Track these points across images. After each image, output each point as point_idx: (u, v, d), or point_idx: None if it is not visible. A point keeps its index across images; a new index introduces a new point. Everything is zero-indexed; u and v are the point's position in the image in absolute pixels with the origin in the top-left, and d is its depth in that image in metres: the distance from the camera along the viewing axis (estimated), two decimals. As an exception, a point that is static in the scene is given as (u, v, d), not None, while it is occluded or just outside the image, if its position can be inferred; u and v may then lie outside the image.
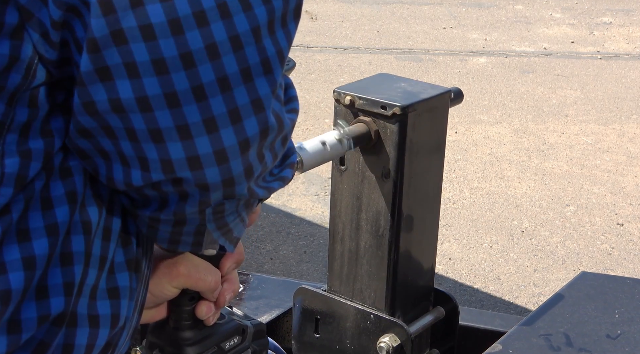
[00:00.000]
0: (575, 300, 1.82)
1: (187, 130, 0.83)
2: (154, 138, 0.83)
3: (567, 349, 1.68)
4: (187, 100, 0.82)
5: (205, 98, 0.82)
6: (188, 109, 0.82)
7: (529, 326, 1.74)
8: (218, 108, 0.83)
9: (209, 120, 0.83)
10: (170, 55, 0.80)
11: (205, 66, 0.81)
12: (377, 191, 1.73)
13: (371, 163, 1.73)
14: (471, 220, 4.70)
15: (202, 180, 0.87)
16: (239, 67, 0.83)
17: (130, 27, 0.79)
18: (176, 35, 0.80)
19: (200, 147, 0.84)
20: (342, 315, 1.84)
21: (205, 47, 0.81)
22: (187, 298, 1.23)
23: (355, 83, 1.76)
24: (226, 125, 0.84)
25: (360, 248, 1.80)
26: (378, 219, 1.76)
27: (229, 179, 0.88)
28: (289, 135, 0.96)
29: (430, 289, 1.89)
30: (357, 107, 1.70)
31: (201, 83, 0.82)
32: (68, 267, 0.88)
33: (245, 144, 0.86)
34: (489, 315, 2.12)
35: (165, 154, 0.84)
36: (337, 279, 1.85)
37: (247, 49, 0.83)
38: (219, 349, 1.30)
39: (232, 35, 0.82)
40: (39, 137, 0.86)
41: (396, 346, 1.75)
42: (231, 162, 0.86)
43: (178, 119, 0.82)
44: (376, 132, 1.69)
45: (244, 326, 1.34)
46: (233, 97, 0.84)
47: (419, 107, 1.68)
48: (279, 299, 1.99)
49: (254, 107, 0.85)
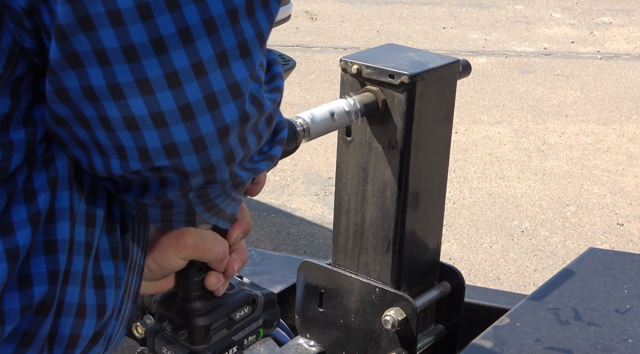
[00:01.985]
0: (584, 275, 1.80)
1: (162, 118, 0.81)
2: (129, 127, 0.81)
3: (575, 323, 1.66)
4: (160, 87, 0.80)
5: (179, 85, 0.80)
6: (162, 96, 0.80)
7: (537, 301, 1.72)
8: (194, 95, 0.81)
9: (185, 107, 0.81)
10: (140, 41, 0.78)
11: (178, 51, 0.79)
12: (383, 162, 1.71)
13: (378, 133, 1.71)
14: (471, 220, 4.69)
15: (181, 168, 0.85)
16: (214, 51, 0.81)
17: (98, 13, 0.76)
18: (146, 20, 0.77)
19: (177, 135, 0.82)
20: (346, 289, 1.81)
21: (178, 32, 0.79)
22: (195, 269, 1.21)
23: (362, 52, 1.74)
24: (203, 112, 0.82)
25: (365, 221, 1.78)
26: (384, 191, 1.73)
27: (209, 166, 0.86)
28: (274, 115, 0.93)
29: (436, 263, 1.86)
30: (365, 76, 1.68)
31: (174, 69, 0.79)
32: (52, 255, 0.87)
33: (224, 131, 0.84)
34: (494, 293, 2.10)
35: (142, 142, 0.82)
36: (342, 252, 1.83)
37: (223, 32, 0.81)
38: (230, 319, 1.28)
39: (205, 18, 0.80)
40: (20, 127, 0.84)
41: (401, 320, 1.72)
42: (210, 150, 0.84)
43: (152, 107, 0.80)
44: (383, 101, 1.67)
45: (254, 296, 1.33)
46: (209, 83, 0.81)
47: (428, 76, 1.66)
48: (282, 275, 1.97)
49: (232, 92, 0.83)
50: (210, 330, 1.24)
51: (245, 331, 1.31)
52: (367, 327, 1.80)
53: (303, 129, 1.54)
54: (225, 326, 1.27)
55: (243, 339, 1.31)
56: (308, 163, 5.29)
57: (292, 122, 1.52)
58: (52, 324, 0.88)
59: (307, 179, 5.08)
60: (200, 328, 1.24)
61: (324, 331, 1.89)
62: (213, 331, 1.25)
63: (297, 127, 1.52)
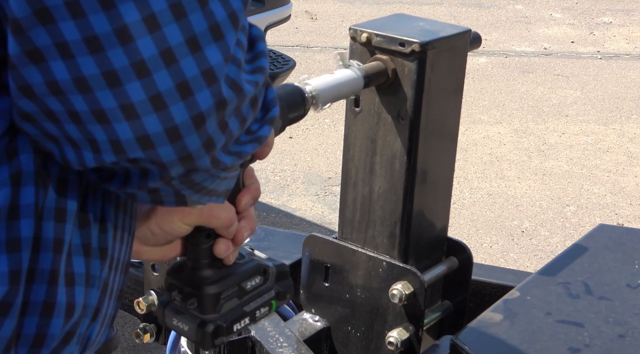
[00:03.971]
0: (594, 251, 1.78)
1: (133, 109, 0.78)
2: (99, 119, 0.79)
3: (586, 297, 1.63)
4: (128, 78, 0.76)
5: (148, 74, 0.77)
6: (130, 87, 0.77)
7: (547, 275, 1.70)
8: (164, 84, 0.78)
9: (156, 97, 0.78)
10: (103, 31, 0.75)
11: (144, 39, 0.76)
12: (392, 133, 1.69)
13: (387, 103, 1.68)
14: (471, 220, 4.68)
15: (157, 159, 0.82)
16: (183, 36, 0.78)
17: (56, 4, 0.73)
18: (107, 9, 0.74)
19: (149, 125, 0.79)
20: (353, 263, 1.79)
21: (143, 19, 0.75)
22: (204, 235, 1.19)
23: (371, 21, 1.72)
24: (175, 101, 0.79)
25: (373, 193, 1.75)
26: (393, 163, 1.71)
27: (186, 155, 0.83)
28: (259, 96, 0.90)
29: (444, 238, 1.84)
30: (374, 44, 1.65)
31: (142, 58, 0.76)
32: (15, 253, 0.83)
33: (200, 118, 0.81)
34: (502, 271, 2.08)
35: (114, 135, 0.79)
36: (349, 226, 1.80)
37: (192, 15, 0.78)
38: (240, 289, 1.26)
39: (172, 3, 0.77)
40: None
41: (409, 294, 1.70)
42: (186, 139, 0.81)
43: (121, 98, 0.77)
44: (393, 70, 1.64)
45: (264, 266, 1.30)
46: (180, 69, 0.78)
47: (438, 45, 1.64)
48: (286, 251, 1.94)
49: (206, 78, 0.80)
50: (220, 299, 1.22)
51: (257, 301, 1.29)
52: (373, 302, 1.78)
53: (312, 95, 1.51)
54: (235, 295, 1.25)
55: (255, 310, 1.28)
56: (308, 163, 5.27)
57: (300, 88, 1.50)
58: (16, 324, 0.84)
59: (307, 179, 5.07)
60: (210, 296, 1.21)
61: (329, 307, 1.87)
62: (223, 299, 1.22)
63: (305, 93, 1.50)
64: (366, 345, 1.83)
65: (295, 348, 1.67)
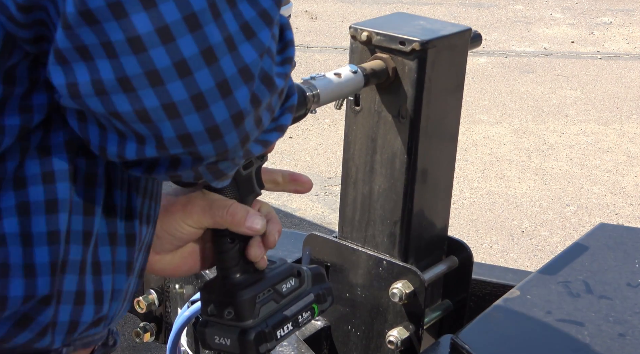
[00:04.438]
0: (594, 250, 1.78)
1: (175, 108, 0.79)
2: (142, 119, 0.80)
3: (586, 296, 1.63)
4: (169, 77, 0.78)
5: (189, 73, 0.78)
6: (172, 86, 0.78)
7: (548, 274, 1.70)
8: (205, 83, 0.79)
9: (197, 96, 0.79)
10: (145, 31, 0.76)
11: (185, 38, 0.77)
12: (393, 132, 1.69)
13: (388, 102, 1.68)
14: (471, 220, 4.68)
15: (196, 154, 0.84)
16: (222, 36, 0.79)
17: (98, 6, 0.74)
18: (149, 9, 0.75)
19: (191, 124, 0.80)
20: (353, 262, 1.79)
21: (184, 18, 0.77)
22: (227, 240, 1.19)
23: (372, 20, 1.72)
24: (216, 100, 0.80)
25: (374, 192, 1.75)
26: (393, 161, 1.71)
27: (224, 152, 0.85)
28: (285, 88, 0.91)
29: (444, 237, 1.84)
30: (375, 43, 1.65)
31: (183, 57, 0.77)
32: (54, 245, 0.86)
33: (239, 117, 0.82)
34: (502, 270, 2.08)
35: (157, 132, 0.81)
36: (349, 225, 1.80)
37: (225, 15, 0.79)
38: (276, 292, 1.25)
39: (210, 3, 0.78)
40: (16, 113, 0.83)
41: (409, 293, 1.70)
42: (225, 137, 0.83)
43: (163, 98, 0.78)
44: (394, 69, 1.64)
45: (298, 268, 1.30)
46: (220, 69, 0.79)
47: (439, 44, 1.64)
48: (286, 250, 1.94)
49: (243, 75, 0.81)
50: (255, 302, 1.21)
51: (298, 305, 1.28)
52: (373, 301, 1.78)
53: (313, 94, 1.51)
54: (272, 298, 1.24)
55: (297, 315, 1.27)
56: (308, 163, 5.27)
57: (301, 88, 1.50)
58: (53, 312, 0.87)
59: (307, 179, 5.06)
60: (244, 301, 1.20)
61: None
62: (259, 303, 1.21)
63: (306, 92, 1.50)
64: (366, 344, 1.83)
65: (296, 347, 1.67)
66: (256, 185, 1.26)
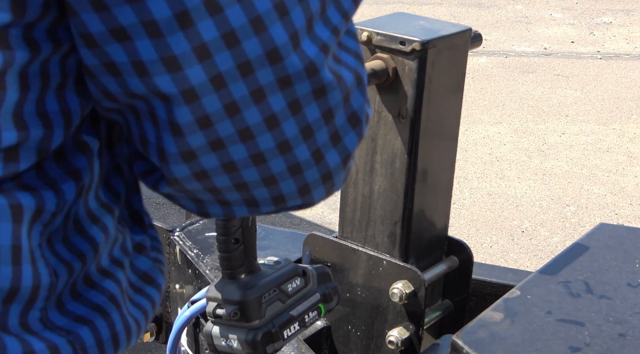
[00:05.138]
0: (595, 250, 1.78)
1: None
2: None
3: (587, 296, 1.63)
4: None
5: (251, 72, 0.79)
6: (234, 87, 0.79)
7: (547, 274, 1.69)
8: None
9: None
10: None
11: (251, 40, 0.77)
12: (393, 132, 1.69)
13: (388, 102, 1.68)
14: (471, 220, 4.67)
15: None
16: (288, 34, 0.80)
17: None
18: (214, 15, 0.75)
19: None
20: (353, 262, 1.79)
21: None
22: (231, 241, 1.19)
23: (372, 20, 1.72)
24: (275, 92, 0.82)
25: (374, 192, 1.75)
26: (393, 161, 1.71)
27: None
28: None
29: (444, 237, 1.84)
30: (375, 43, 1.65)
31: (247, 59, 0.78)
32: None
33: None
34: (502, 270, 2.07)
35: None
36: (349, 225, 1.81)
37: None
38: (281, 291, 1.25)
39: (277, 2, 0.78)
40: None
41: (409, 293, 1.70)
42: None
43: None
44: (394, 69, 1.64)
45: (303, 268, 1.30)
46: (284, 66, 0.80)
47: (439, 44, 1.64)
48: (286, 251, 1.94)
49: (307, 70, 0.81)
50: (261, 303, 1.21)
51: (304, 305, 1.28)
52: (373, 301, 1.78)
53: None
54: (278, 298, 1.24)
55: (303, 314, 1.27)
56: (307, 162, 5.27)
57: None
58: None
59: (307, 179, 5.06)
60: (250, 302, 1.21)
61: (330, 306, 1.86)
62: (265, 303, 1.22)
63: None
64: (366, 344, 1.83)
65: (296, 346, 1.67)
66: None
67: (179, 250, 1.94)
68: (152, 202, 4.72)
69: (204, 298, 1.37)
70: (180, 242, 1.95)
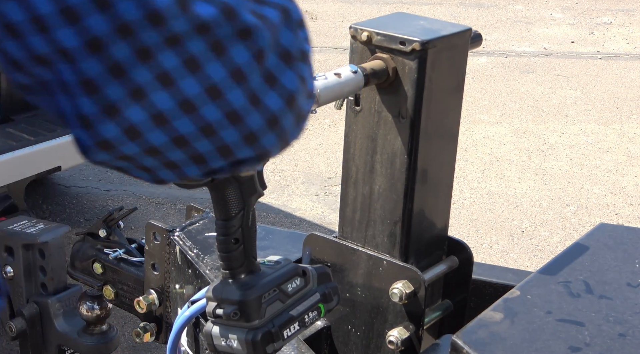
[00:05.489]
0: (594, 250, 1.77)
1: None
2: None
3: (587, 296, 1.63)
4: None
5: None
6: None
7: (547, 274, 1.69)
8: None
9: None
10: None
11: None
12: (393, 132, 1.68)
13: (388, 102, 1.68)
14: (471, 220, 4.67)
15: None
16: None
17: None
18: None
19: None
20: (353, 262, 1.78)
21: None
22: (231, 241, 1.19)
23: (372, 20, 1.71)
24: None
25: (374, 192, 1.75)
26: (393, 161, 1.70)
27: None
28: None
29: (444, 237, 1.83)
30: (375, 43, 1.65)
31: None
32: None
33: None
34: (502, 270, 2.07)
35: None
36: (349, 225, 1.80)
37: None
38: (281, 291, 1.25)
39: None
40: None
41: (409, 293, 1.69)
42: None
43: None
44: (394, 69, 1.64)
45: (303, 268, 1.30)
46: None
47: (439, 44, 1.63)
48: (286, 251, 1.93)
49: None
50: (261, 303, 1.21)
51: (304, 305, 1.28)
52: (373, 301, 1.77)
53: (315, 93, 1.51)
54: (278, 298, 1.24)
55: (303, 314, 1.27)
56: (308, 163, 5.27)
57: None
58: None
59: (307, 179, 5.06)
60: (250, 302, 1.21)
61: (330, 306, 1.86)
62: (265, 303, 1.22)
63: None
64: (366, 344, 1.82)
65: (296, 346, 1.67)
66: (258, 185, 1.26)
67: (179, 250, 1.93)
68: (152, 202, 4.72)
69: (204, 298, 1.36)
70: (180, 242, 1.94)
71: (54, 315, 2.08)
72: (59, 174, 4.84)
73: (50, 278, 2.08)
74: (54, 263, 2.07)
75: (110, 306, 2.07)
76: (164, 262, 1.98)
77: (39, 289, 2.10)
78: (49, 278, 2.08)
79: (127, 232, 4.20)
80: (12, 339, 2.10)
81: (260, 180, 1.26)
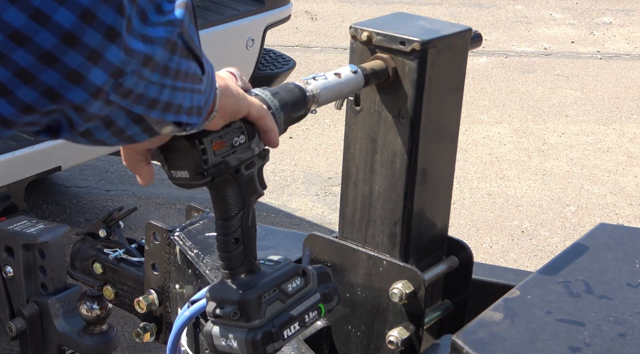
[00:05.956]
0: (594, 250, 1.77)
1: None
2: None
3: (587, 296, 1.63)
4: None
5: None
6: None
7: (547, 275, 1.69)
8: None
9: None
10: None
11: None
12: (393, 132, 1.68)
13: (388, 102, 1.68)
14: (471, 220, 4.67)
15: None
16: None
17: None
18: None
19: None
20: (353, 262, 1.78)
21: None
22: (231, 241, 1.19)
23: (372, 20, 1.71)
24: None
25: (374, 192, 1.75)
26: (393, 161, 1.70)
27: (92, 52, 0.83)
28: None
29: (444, 237, 1.84)
30: (375, 43, 1.65)
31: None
32: None
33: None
34: (502, 270, 2.07)
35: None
36: (349, 225, 1.80)
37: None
38: (281, 291, 1.25)
39: None
40: None
41: (409, 293, 1.69)
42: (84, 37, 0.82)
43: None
44: (394, 69, 1.64)
45: (303, 268, 1.30)
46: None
47: (439, 44, 1.63)
48: (286, 251, 1.94)
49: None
50: (261, 302, 1.21)
51: (304, 305, 1.28)
52: (373, 301, 1.77)
53: (312, 94, 1.51)
54: (278, 298, 1.24)
55: (303, 314, 1.28)
56: (308, 163, 5.27)
57: (302, 87, 1.49)
58: None
59: (307, 179, 5.06)
60: (250, 302, 1.21)
61: (330, 306, 1.86)
62: (265, 303, 1.22)
63: (306, 92, 1.49)
64: (366, 344, 1.82)
65: (296, 347, 1.67)
66: (258, 185, 1.26)
67: (179, 250, 1.93)
68: (152, 202, 4.72)
69: (204, 298, 1.36)
70: (180, 242, 1.95)
71: (54, 315, 2.08)
72: (59, 174, 4.84)
73: (50, 278, 2.08)
74: (54, 263, 2.08)
75: (110, 306, 2.07)
76: (164, 262, 1.98)
77: (39, 289, 2.10)
78: (49, 278, 2.08)
79: (127, 232, 4.20)
80: (12, 339, 2.10)
81: (260, 180, 1.26)
